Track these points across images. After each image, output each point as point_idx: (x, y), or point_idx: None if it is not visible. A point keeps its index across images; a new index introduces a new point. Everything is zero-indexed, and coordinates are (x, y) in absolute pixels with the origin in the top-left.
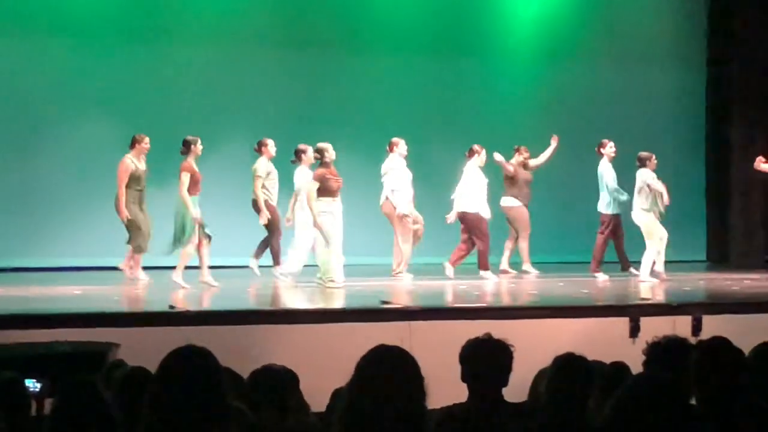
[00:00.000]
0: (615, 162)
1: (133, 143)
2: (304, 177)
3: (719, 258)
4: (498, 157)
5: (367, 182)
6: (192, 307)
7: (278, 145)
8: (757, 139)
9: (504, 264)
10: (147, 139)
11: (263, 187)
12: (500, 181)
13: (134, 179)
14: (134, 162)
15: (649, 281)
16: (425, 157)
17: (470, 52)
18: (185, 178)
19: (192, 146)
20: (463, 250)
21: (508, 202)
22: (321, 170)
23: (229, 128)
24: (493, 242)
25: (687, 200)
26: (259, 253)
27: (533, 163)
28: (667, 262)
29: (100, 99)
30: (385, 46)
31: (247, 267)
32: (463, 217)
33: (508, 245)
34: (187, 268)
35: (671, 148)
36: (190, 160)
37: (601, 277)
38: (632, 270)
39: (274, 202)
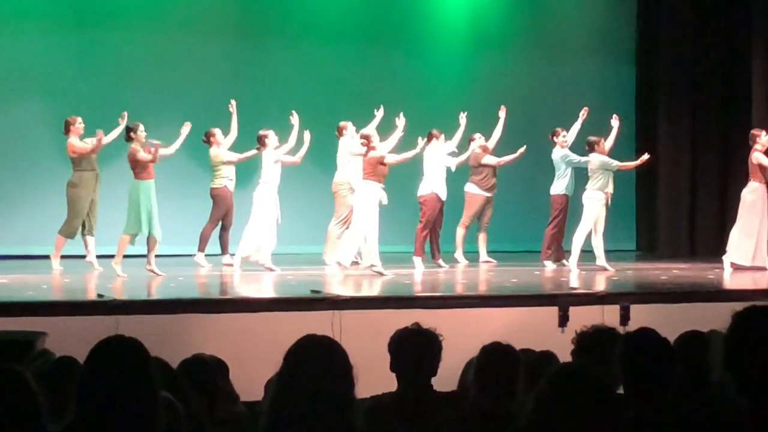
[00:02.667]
0: (546, 152)
1: (68, 127)
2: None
3: (649, 247)
4: (491, 159)
5: (298, 167)
6: (121, 296)
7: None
8: (684, 130)
9: (483, 256)
10: (80, 119)
11: (221, 176)
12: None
13: (86, 160)
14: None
15: (574, 268)
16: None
17: (401, 43)
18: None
19: (133, 133)
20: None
21: (468, 188)
22: None
23: (162, 115)
24: (448, 229)
25: (618, 190)
26: (225, 248)
27: (491, 144)
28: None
29: (29, 85)
30: (316, 35)
31: (189, 255)
32: (422, 202)
33: (481, 237)
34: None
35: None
36: (136, 146)
37: (549, 266)
38: (564, 261)
39: (232, 189)
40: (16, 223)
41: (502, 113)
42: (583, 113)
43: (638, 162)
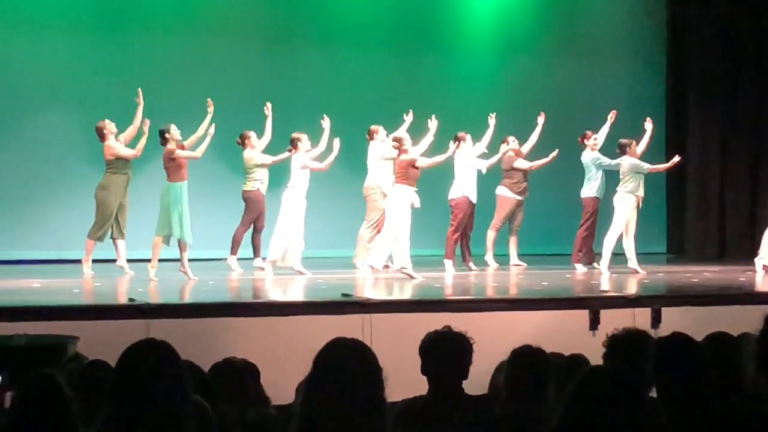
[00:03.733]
0: (576, 155)
1: (101, 132)
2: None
3: (679, 250)
4: (524, 164)
5: (329, 171)
6: (152, 300)
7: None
8: (715, 133)
9: (513, 259)
10: (108, 121)
11: (254, 179)
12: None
13: (122, 162)
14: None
15: (605, 271)
16: None
17: (431, 47)
18: (181, 153)
19: (167, 134)
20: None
21: (499, 190)
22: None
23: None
24: (478, 232)
25: (648, 193)
26: (257, 251)
27: (526, 148)
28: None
29: (60, 90)
30: (346, 39)
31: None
32: (453, 205)
33: (512, 240)
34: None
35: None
36: (172, 147)
37: (580, 269)
38: (595, 264)
39: (264, 192)
40: (48, 227)
41: (540, 119)
42: (611, 116)
43: (669, 165)
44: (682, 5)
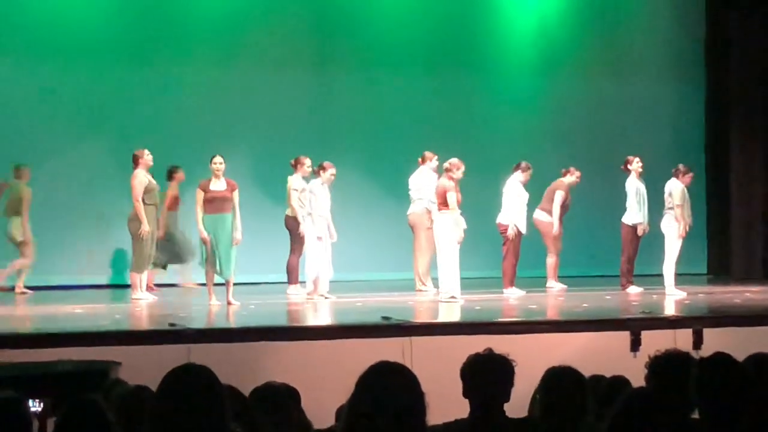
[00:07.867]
0: (612, 173)
1: (136, 160)
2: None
3: (720, 271)
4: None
5: (368, 195)
6: (193, 325)
7: (279, 160)
8: (757, 151)
9: (550, 281)
10: (147, 152)
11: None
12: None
13: (147, 194)
14: (147, 176)
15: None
16: None
17: (469, 66)
18: (198, 196)
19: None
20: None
21: (539, 215)
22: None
23: (230, 146)
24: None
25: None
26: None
27: None
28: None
29: (98, 119)
30: (385, 63)
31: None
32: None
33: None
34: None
35: (671, 160)
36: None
37: (634, 290)
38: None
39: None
40: (90, 253)
41: None
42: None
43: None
44: (721, 22)
